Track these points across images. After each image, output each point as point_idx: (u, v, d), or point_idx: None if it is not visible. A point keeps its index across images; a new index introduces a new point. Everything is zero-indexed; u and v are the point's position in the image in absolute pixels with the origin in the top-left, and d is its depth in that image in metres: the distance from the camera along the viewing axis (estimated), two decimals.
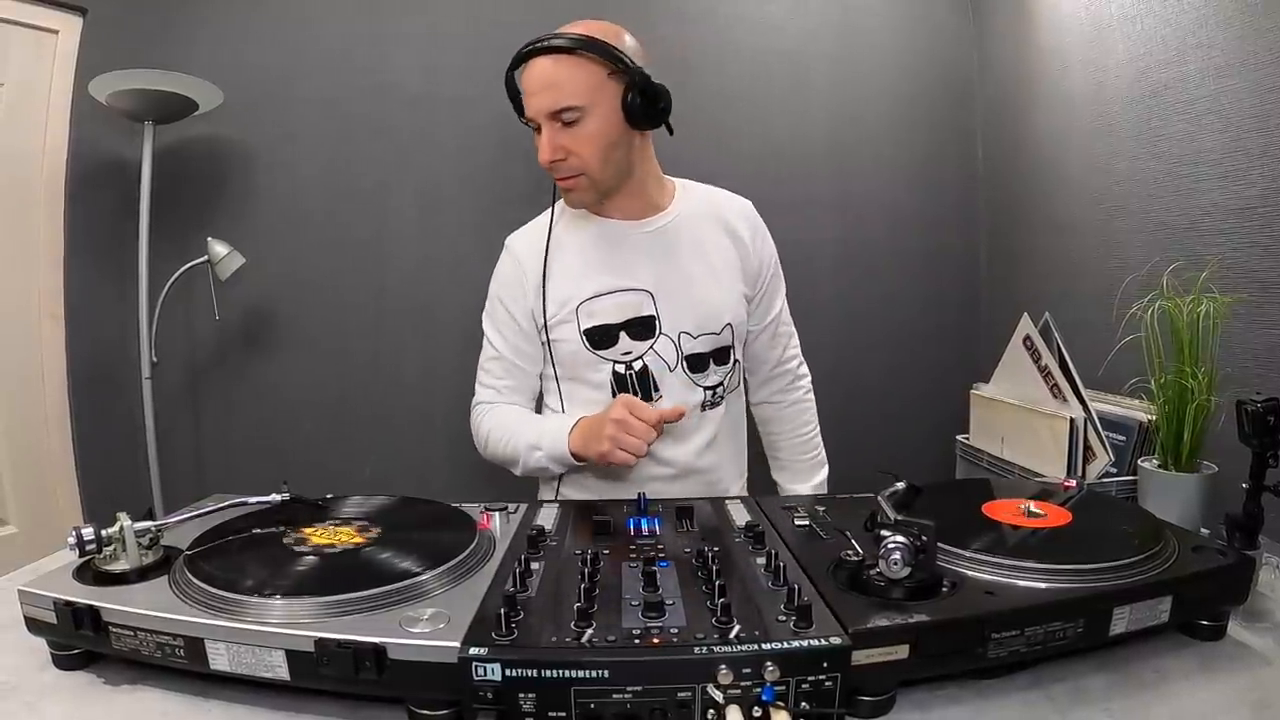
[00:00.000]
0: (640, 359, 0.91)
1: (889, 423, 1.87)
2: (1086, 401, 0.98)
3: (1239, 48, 1.04)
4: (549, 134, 0.81)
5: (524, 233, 0.97)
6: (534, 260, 0.92)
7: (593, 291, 0.90)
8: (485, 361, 0.97)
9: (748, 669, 0.42)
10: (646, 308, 0.90)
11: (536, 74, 0.81)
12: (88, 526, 0.56)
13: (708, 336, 0.92)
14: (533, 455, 0.89)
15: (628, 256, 0.91)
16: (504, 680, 0.43)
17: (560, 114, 0.80)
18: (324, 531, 0.63)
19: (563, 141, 0.82)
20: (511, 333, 0.94)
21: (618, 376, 0.91)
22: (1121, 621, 0.52)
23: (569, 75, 0.80)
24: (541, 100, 0.81)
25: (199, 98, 1.50)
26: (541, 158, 0.83)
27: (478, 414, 0.97)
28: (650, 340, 0.91)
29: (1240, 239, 1.05)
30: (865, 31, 1.82)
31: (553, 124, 0.81)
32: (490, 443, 0.94)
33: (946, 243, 1.87)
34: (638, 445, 0.79)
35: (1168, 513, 0.74)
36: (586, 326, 0.90)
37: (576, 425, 0.86)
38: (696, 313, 0.92)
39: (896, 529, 0.50)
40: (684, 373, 0.92)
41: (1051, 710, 0.49)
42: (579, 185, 0.85)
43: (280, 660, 0.47)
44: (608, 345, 0.90)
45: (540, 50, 0.80)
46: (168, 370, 1.68)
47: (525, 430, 0.90)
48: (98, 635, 0.51)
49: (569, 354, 0.91)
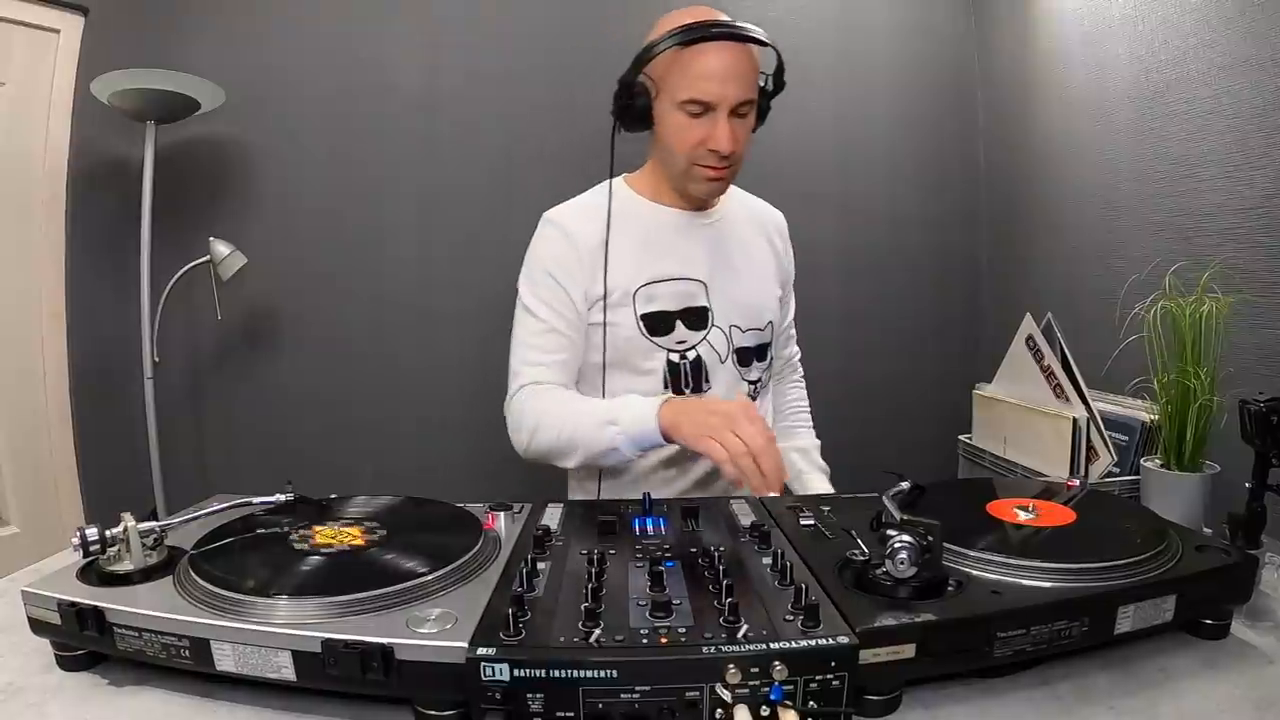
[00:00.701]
0: (694, 349, 0.90)
1: (891, 422, 1.87)
2: (1089, 401, 0.98)
3: (1241, 48, 1.04)
4: (730, 124, 0.81)
5: (572, 211, 0.92)
6: (590, 239, 0.88)
7: (651, 277, 0.89)
8: (531, 337, 0.88)
9: (756, 668, 0.42)
10: (700, 298, 0.90)
11: (731, 61, 0.79)
12: (92, 527, 0.56)
13: (754, 332, 0.94)
14: (606, 432, 0.79)
15: (686, 246, 0.91)
16: (512, 680, 0.43)
17: (741, 106, 0.81)
18: (329, 532, 0.63)
19: (739, 133, 0.83)
20: (564, 307, 0.88)
21: (671, 365, 0.90)
22: (1126, 620, 0.52)
23: (753, 68, 0.82)
24: (735, 89, 0.80)
25: (201, 97, 1.51)
26: (726, 146, 0.81)
27: (524, 397, 0.86)
28: (704, 331, 0.91)
29: (1242, 239, 1.05)
30: (867, 32, 1.82)
31: (731, 115, 0.81)
32: (541, 428, 0.84)
33: (948, 242, 1.88)
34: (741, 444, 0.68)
35: (1170, 512, 0.74)
36: (644, 312, 0.88)
37: (666, 401, 0.77)
38: (745, 307, 0.93)
39: (902, 529, 0.50)
40: (733, 366, 0.93)
41: (1057, 709, 0.49)
42: (726, 178, 0.87)
43: (286, 661, 0.47)
44: (664, 332, 0.89)
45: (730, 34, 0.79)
46: (169, 370, 1.68)
47: (594, 408, 0.82)
48: (102, 636, 0.51)
49: (623, 339, 0.88)
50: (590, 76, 1.86)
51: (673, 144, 0.84)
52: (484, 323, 1.81)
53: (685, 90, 0.80)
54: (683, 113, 0.81)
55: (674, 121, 0.83)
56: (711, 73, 0.79)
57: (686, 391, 0.90)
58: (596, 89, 1.84)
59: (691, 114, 0.81)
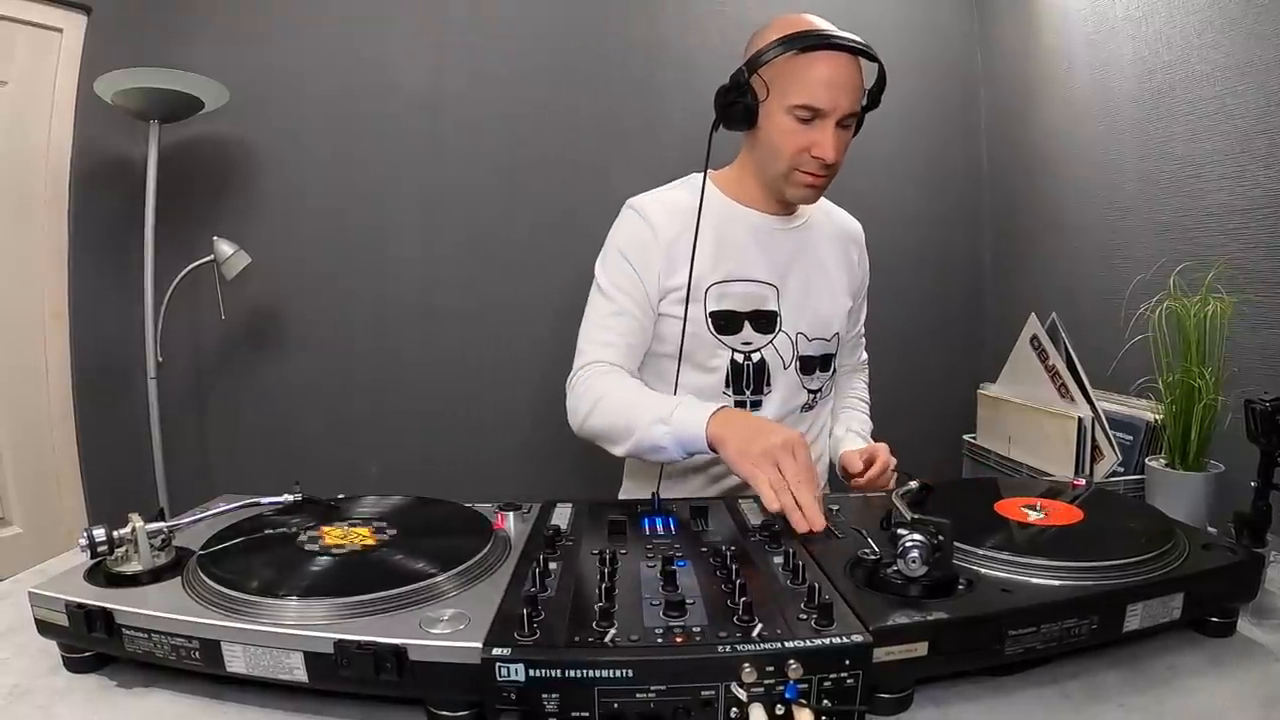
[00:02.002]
0: (759, 351, 0.91)
1: (894, 422, 1.86)
2: (1094, 401, 0.98)
3: (1244, 49, 1.05)
4: (835, 133, 0.83)
5: (657, 201, 0.93)
6: (672, 231, 0.89)
7: (724, 275, 0.90)
8: (601, 318, 0.90)
9: (771, 667, 0.42)
10: (770, 303, 0.91)
11: (846, 72, 0.82)
12: (99, 528, 0.56)
13: (820, 341, 0.95)
14: (654, 430, 0.79)
15: (763, 250, 0.92)
16: (528, 680, 0.43)
17: (847, 117, 0.83)
18: (338, 532, 0.63)
19: (842, 143, 0.84)
20: (636, 291, 0.89)
21: (735, 365, 0.91)
22: (1135, 618, 0.52)
23: (862, 83, 0.83)
24: (846, 98, 0.82)
25: (204, 96, 1.50)
26: (830, 155, 0.83)
27: (585, 377, 0.87)
28: (771, 335, 0.92)
29: (1246, 240, 1.06)
30: (870, 31, 1.80)
31: (837, 125, 0.83)
32: (598, 410, 0.84)
33: (951, 241, 1.88)
34: (782, 479, 0.67)
35: (1174, 511, 0.75)
36: (714, 309, 0.90)
37: (720, 410, 0.77)
38: (814, 317, 0.94)
39: (914, 528, 0.51)
40: (796, 373, 0.93)
41: (1067, 706, 0.49)
42: (822, 185, 0.88)
43: (299, 662, 0.47)
44: (731, 331, 0.90)
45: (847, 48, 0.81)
46: (173, 370, 1.68)
47: (651, 402, 0.82)
48: (111, 638, 0.51)
49: (690, 334, 0.88)
50: (595, 78, 1.88)
51: (779, 146, 0.85)
52: (488, 323, 1.81)
53: (798, 95, 0.81)
54: (791, 117, 0.82)
55: (782, 125, 0.84)
56: (828, 80, 0.81)
57: (747, 392, 0.92)
58: (600, 90, 1.85)
59: (800, 119, 0.82)
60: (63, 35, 1.58)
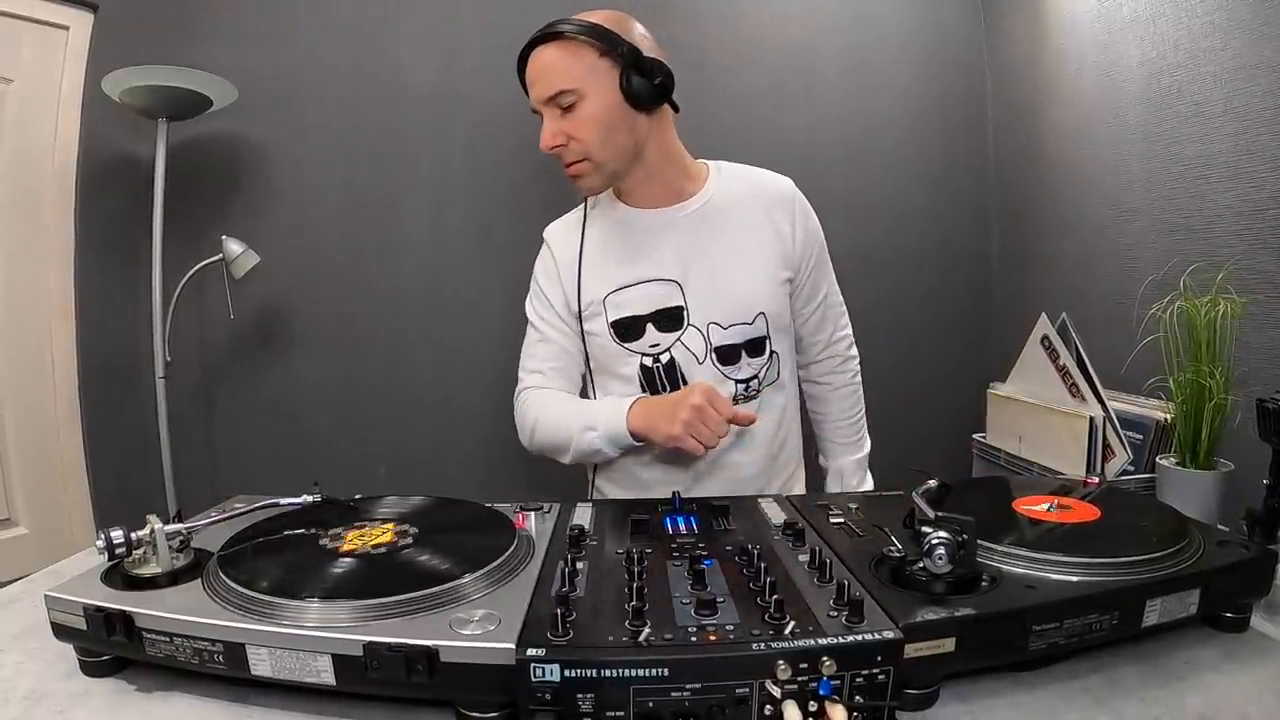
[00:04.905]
0: (668, 351, 0.89)
1: (903, 422, 1.88)
2: (1105, 400, 0.99)
3: (1252, 51, 1.05)
4: (549, 121, 0.82)
5: (559, 223, 0.97)
6: (565, 251, 0.93)
7: (620, 283, 0.89)
8: (529, 346, 0.96)
9: (804, 664, 0.43)
10: (674, 298, 0.88)
11: (532, 64, 0.83)
12: (117, 530, 0.55)
13: (739, 327, 0.89)
14: (586, 436, 0.85)
15: (654, 245, 0.89)
16: (563, 680, 0.43)
17: (556, 99, 0.81)
18: (359, 533, 0.62)
19: (562, 127, 0.82)
20: (554, 318, 0.94)
21: (645, 370, 0.90)
22: (1154, 614, 0.53)
23: (560, 60, 0.81)
24: (538, 88, 0.82)
25: (213, 94, 1.50)
26: (542, 144, 0.83)
27: (523, 400, 0.94)
28: (678, 332, 0.89)
29: (1253, 241, 1.07)
30: (877, 32, 1.82)
31: (552, 111, 0.82)
32: (539, 429, 0.91)
33: (959, 242, 1.88)
34: (709, 437, 0.77)
35: (1185, 509, 0.75)
36: (614, 318, 0.89)
37: (635, 404, 0.84)
38: (727, 302, 0.89)
39: (938, 525, 0.51)
40: (714, 365, 0.90)
41: (1089, 701, 0.50)
42: (584, 170, 0.85)
43: (326, 665, 0.47)
44: (634, 338, 0.90)
45: (532, 42, 0.82)
46: (181, 369, 1.68)
47: (577, 411, 0.88)
48: (130, 641, 0.50)
49: (599, 347, 0.91)
50: None
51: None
52: (498, 320, 1.81)
53: None
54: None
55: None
56: (529, 79, 0.84)
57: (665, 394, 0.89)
58: None
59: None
60: (69, 33, 1.58)
